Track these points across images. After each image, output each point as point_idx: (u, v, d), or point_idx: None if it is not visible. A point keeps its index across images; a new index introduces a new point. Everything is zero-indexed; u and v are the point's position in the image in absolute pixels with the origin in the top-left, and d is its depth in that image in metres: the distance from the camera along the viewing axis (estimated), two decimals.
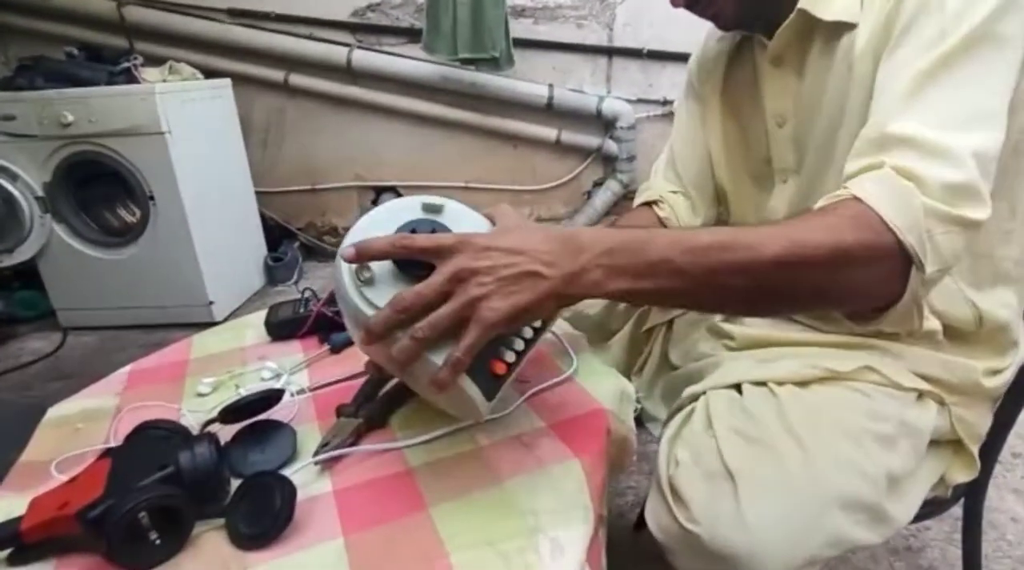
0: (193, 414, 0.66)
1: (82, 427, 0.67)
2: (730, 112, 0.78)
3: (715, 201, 0.85)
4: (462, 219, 0.54)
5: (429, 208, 0.54)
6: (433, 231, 0.51)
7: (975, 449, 0.67)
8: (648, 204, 0.85)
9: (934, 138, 0.48)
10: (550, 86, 2.71)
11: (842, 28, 0.60)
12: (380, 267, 0.51)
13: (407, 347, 0.46)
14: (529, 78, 2.75)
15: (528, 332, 0.54)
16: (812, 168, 0.68)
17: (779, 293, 0.49)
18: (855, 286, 0.49)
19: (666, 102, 2.77)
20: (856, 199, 0.48)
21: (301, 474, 0.55)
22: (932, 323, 0.63)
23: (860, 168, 0.51)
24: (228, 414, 0.58)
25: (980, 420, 0.67)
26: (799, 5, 0.61)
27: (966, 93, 0.50)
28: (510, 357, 0.52)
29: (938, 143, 0.48)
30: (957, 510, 0.77)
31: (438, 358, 0.47)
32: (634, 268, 0.46)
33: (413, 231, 0.51)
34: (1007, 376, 0.67)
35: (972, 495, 0.77)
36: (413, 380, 0.56)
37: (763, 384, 0.63)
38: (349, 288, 0.51)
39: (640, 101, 2.78)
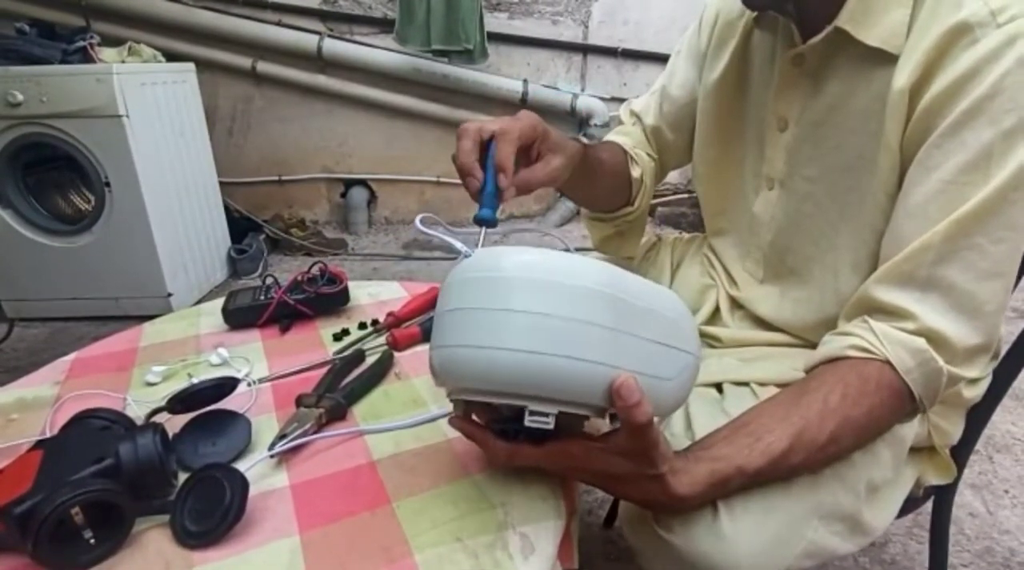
0: (139, 404, 0.62)
1: (17, 417, 0.62)
2: (736, 92, 0.71)
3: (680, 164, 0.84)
4: None
5: None
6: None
7: (947, 455, 0.67)
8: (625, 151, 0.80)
9: (971, 291, 0.49)
10: (524, 81, 2.70)
11: (880, 55, 0.53)
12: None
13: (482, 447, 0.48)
14: (503, 73, 2.73)
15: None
16: (801, 190, 0.63)
17: (829, 462, 0.52)
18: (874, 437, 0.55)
19: None
20: (891, 367, 0.50)
21: (256, 467, 0.51)
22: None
23: (894, 309, 0.51)
24: (177, 403, 0.54)
25: (953, 428, 0.67)
26: (836, 23, 0.55)
27: (1007, 240, 0.49)
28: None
29: (974, 297, 0.49)
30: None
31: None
32: (723, 493, 0.49)
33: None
34: (984, 386, 0.66)
35: (942, 495, 0.77)
36: None
37: (745, 384, 0.61)
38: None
39: (614, 99, 2.79)
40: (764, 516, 0.51)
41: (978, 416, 0.70)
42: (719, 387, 0.62)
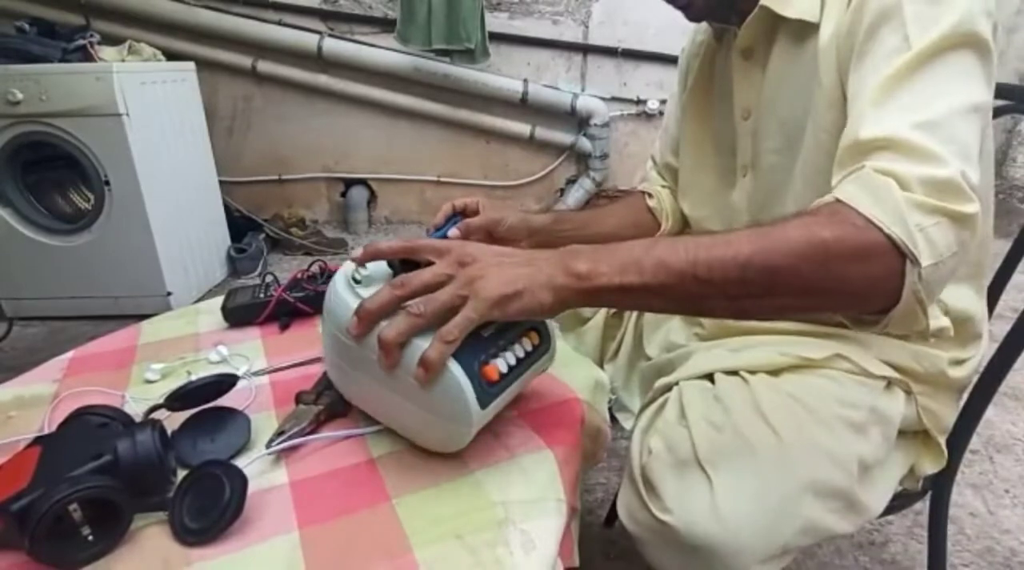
0: (138, 401, 0.61)
1: (15, 415, 0.62)
2: (704, 104, 0.78)
3: None
4: None
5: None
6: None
7: (941, 440, 0.69)
8: (642, 191, 0.91)
9: (909, 138, 0.47)
10: (525, 81, 2.70)
11: (806, 26, 0.60)
12: (375, 271, 0.53)
13: (399, 323, 0.45)
14: (504, 73, 2.73)
15: (520, 350, 0.52)
16: (769, 163, 0.68)
17: (761, 289, 0.46)
18: (844, 284, 0.46)
19: (639, 101, 2.78)
20: (837, 201, 0.47)
21: (255, 464, 0.51)
22: (941, 321, 0.63)
23: (842, 177, 0.50)
24: (176, 400, 0.54)
25: (945, 411, 0.68)
26: (761, 1, 0.61)
27: (938, 90, 0.48)
28: (503, 367, 0.50)
29: (914, 143, 0.47)
30: (918, 505, 0.78)
31: (426, 342, 0.45)
32: (620, 263, 0.47)
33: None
34: (971, 367, 0.69)
35: (939, 488, 0.78)
36: (393, 395, 0.51)
37: (735, 373, 0.63)
38: (341, 288, 0.51)
39: (614, 99, 2.79)
40: (759, 493, 0.52)
41: (972, 407, 0.72)
42: (711, 378, 0.64)
